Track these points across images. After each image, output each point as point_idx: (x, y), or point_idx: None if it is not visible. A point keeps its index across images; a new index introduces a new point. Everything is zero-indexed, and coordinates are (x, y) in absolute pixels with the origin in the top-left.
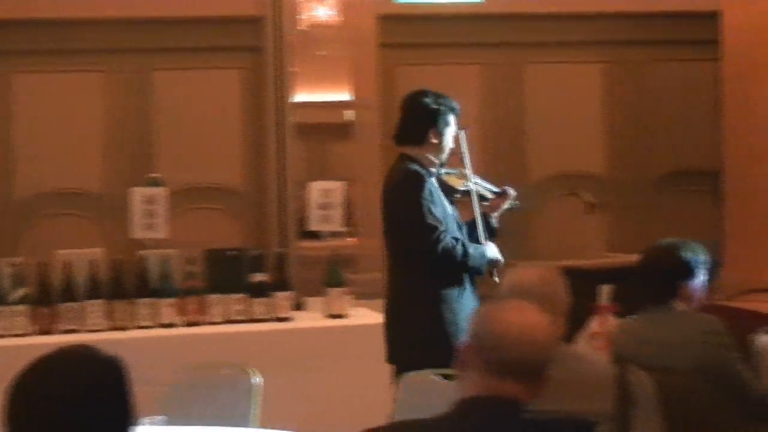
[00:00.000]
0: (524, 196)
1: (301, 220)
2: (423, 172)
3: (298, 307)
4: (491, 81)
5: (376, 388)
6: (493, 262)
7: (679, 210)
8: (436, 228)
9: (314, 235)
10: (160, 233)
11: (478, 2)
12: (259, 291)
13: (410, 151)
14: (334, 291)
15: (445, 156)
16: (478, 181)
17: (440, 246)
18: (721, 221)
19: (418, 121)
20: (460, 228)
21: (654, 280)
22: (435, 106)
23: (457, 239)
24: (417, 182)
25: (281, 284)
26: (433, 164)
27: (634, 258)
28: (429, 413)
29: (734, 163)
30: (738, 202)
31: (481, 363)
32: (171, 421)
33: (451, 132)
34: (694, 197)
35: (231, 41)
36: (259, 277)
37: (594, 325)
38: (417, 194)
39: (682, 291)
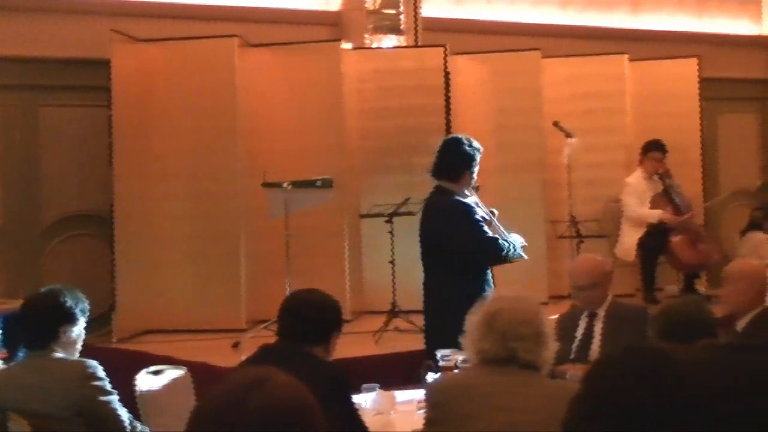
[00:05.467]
0: None
1: None
2: (461, 200)
3: None
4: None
5: None
6: (524, 246)
7: (70, 255)
8: (495, 238)
9: None
10: None
11: None
12: None
13: (446, 184)
14: None
15: (471, 187)
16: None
17: (505, 248)
18: (112, 265)
19: (458, 162)
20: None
21: (35, 326)
22: (471, 152)
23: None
24: (465, 209)
25: None
26: (464, 195)
27: (20, 304)
28: None
29: (124, 208)
30: (128, 246)
31: None
32: None
33: (476, 169)
34: (85, 242)
35: None
36: None
37: None
38: (468, 218)
39: (62, 336)
